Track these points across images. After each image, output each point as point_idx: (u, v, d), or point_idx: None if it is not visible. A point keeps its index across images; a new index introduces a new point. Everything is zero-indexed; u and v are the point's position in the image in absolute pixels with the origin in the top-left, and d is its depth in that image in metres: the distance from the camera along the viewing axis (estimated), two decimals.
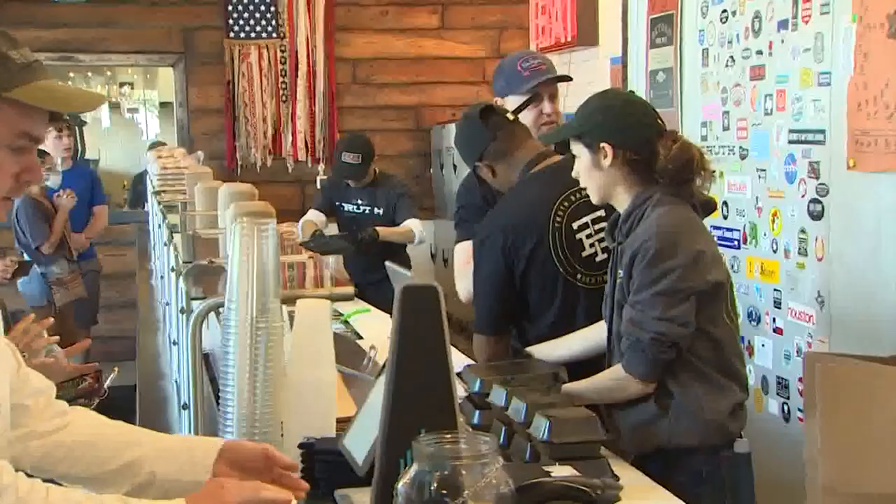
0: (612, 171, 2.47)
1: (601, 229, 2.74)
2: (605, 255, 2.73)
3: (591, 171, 2.50)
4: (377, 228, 5.21)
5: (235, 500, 1.47)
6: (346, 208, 5.58)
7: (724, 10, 4.12)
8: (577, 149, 2.53)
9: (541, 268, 2.75)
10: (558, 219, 2.77)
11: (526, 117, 3.11)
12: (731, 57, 4.08)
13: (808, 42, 3.57)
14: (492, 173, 2.92)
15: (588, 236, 2.79)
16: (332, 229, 5.63)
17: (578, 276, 2.76)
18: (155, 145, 8.12)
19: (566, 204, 2.78)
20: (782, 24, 3.74)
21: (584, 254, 2.77)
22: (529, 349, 2.72)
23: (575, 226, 2.77)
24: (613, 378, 2.37)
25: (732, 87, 4.08)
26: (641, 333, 2.27)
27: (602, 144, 2.46)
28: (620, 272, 2.43)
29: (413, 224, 5.35)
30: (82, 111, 1.77)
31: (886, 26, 3.21)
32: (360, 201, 5.54)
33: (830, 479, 1.22)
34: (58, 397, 1.77)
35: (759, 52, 3.89)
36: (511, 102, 3.17)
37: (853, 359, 1.29)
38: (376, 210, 5.48)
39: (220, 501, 1.48)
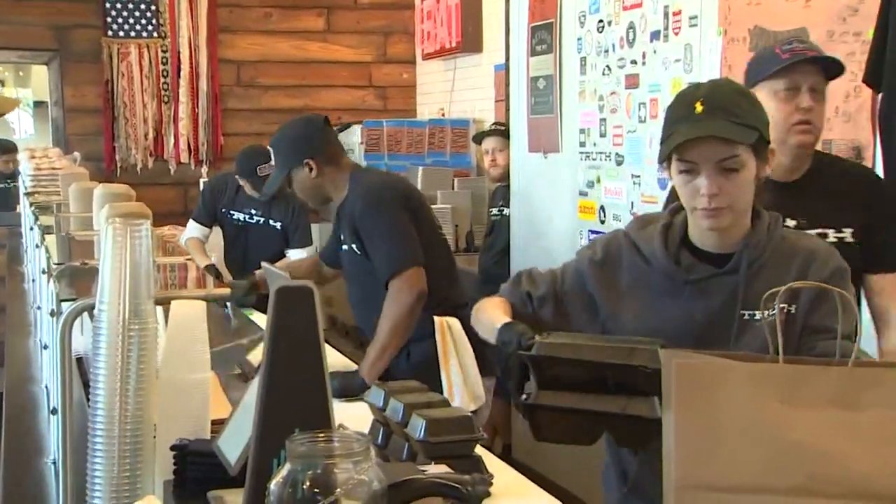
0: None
1: None
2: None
3: (753, 184, 1.92)
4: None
5: None
6: (234, 216, 5.33)
7: (601, 20, 4.22)
8: (745, 156, 1.87)
9: (426, 213, 3.46)
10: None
11: (776, 115, 2.30)
12: (608, 66, 4.18)
13: (679, 53, 3.68)
14: (318, 172, 3.35)
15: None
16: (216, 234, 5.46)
17: (441, 231, 3.56)
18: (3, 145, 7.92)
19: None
20: (654, 35, 3.85)
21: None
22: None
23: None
24: None
25: (609, 94, 4.18)
26: None
27: (772, 147, 1.96)
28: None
29: (297, 256, 5.16)
30: None
31: (748, 40, 3.35)
32: (252, 210, 5.27)
33: (684, 473, 1.27)
34: None
35: (634, 62, 4.00)
36: (764, 90, 2.41)
37: (708, 355, 1.35)
38: (271, 222, 5.25)
39: None
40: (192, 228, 5.44)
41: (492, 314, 2.10)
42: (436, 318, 3.23)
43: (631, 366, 1.70)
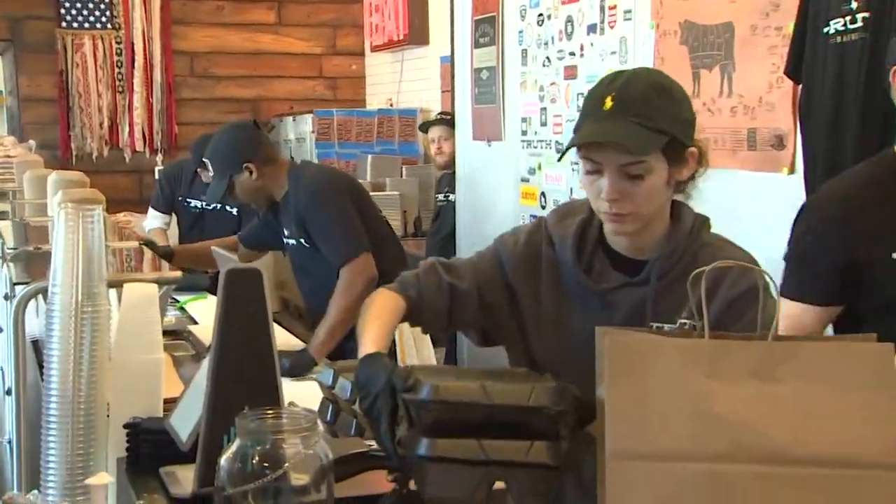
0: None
1: None
2: None
3: (664, 190, 1.72)
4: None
5: None
6: (191, 203, 5.21)
7: (541, 14, 4.23)
8: (653, 161, 1.67)
9: (367, 201, 3.51)
10: None
11: None
12: (548, 58, 4.20)
13: (614, 45, 3.71)
14: (256, 175, 3.33)
15: None
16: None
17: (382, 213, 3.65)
18: None
19: None
20: (591, 28, 3.87)
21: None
22: None
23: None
24: None
25: (549, 85, 4.20)
26: None
27: (692, 149, 1.72)
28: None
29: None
30: None
31: (678, 33, 3.38)
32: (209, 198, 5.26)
33: (617, 443, 1.28)
34: None
35: (572, 54, 4.01)
36: None
37: (638, 332, 1.36)
38: (228, 208, 5.16)
39: None
40: (153, 217, 5.36)
41: (367, 330, 1.77)
42: None
43: (533, 408, 1.42)
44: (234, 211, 5.18)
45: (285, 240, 3.46)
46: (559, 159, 1.78)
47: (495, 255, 1.87)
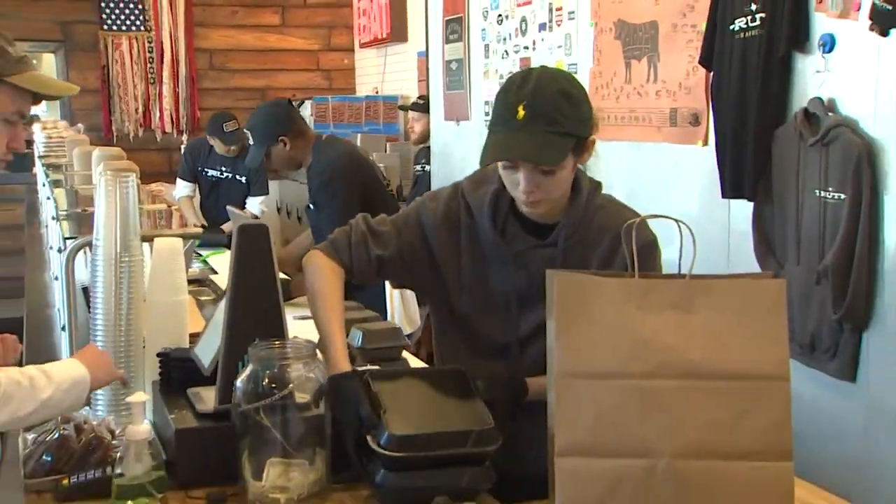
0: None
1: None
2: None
3: (570, 175, 1.63)
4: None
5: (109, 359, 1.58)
6: (209, 173, 5.23)
7: (500, 14, 4.18)
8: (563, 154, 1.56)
9: (374, 173, 3.39)
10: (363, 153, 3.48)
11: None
12: (506, 51, 4.15)
13: (561, 41, 3.67)
14: (288, 147, 3.29)
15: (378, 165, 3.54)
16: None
17: (390, 189, 3.52)
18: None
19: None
20: (542, 27, 3.83)
21: (384, 176, 3.52)
22: None
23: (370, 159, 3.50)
24: None
25: (507, 73, 4.16)
26: None
27: (592, 138, 1.62)
28: None
29: (251, 205, 5.12)
30: (58, 97, 1.74)
31: (613, 30, 3.35)
32: (223, 168, 5.19)
33: (563, 365, 1.27)
34: None
35: (526, 48, 3.97)
36: None
37: (581, 273, 1.35)
38: (237, 177, 5.17)
39: (106, 360, 1.57)
40: (182, 187, 5.34)
41: (330, 331, 1.65)
42: None
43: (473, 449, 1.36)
44: (243, 179, 5.17)
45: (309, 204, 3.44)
46: (481, 166, 1.62)
47: (418, 221, 1.74)
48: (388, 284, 3.20)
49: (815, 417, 2.42)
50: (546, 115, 1.51)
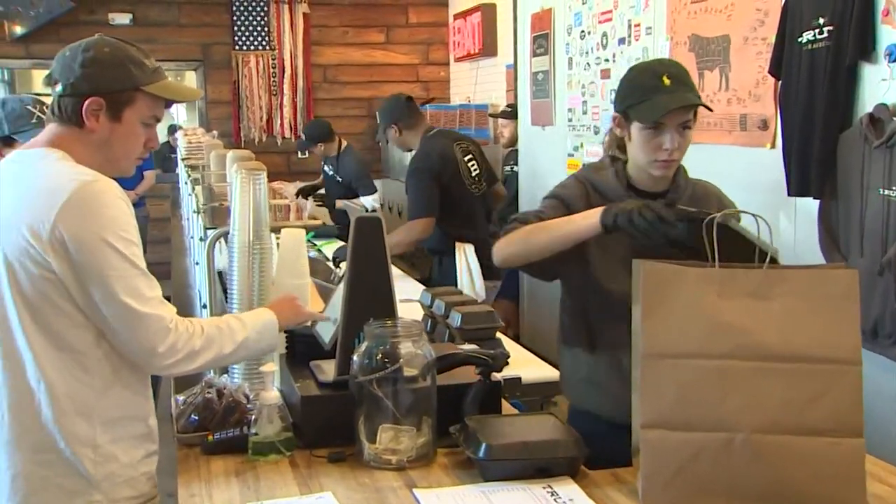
0: None
1: (471, 159, 3.59)
2: (478, 171, 3.60)
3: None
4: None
5: (301, 305, 1.64)
6: (326, 170, 5.56)
7: (583, 31, 4.11)
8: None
9: (457, 175, 3.50)
10: (458, 153, 3.56)
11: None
12: (588, 63, 4.08)
13: (638, 53, 3.58)
14: (399, 133, 3.60)
15: (470, 163, 3.59)
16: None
17: (473, 187, 3.57)
18: (173, 127, 7.93)
19: (458, 146, 3.59)
20: (621, 41, 3.75)
21: (473, 174, 3.58)
22: None
23: (466, 158, 3.57)
24: None
25: (588, 84, 4.09)
26: None
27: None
28: None
29: (365, 202, 5.25)
30: (187, 101, 1.81)
31: (687, 43, 3.25)
32: (330, 167, 5.49)
33: (649, 345, 1.24)
34: None
35: (606, 60, 3.90)
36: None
37: (665, 262, 1.31)
38: (338, 177, 5.43)
39: (293, 304, 1.62)
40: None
41: (560, 219, 1.68)
42: (456, 244, 3.52)
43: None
44: (340, 179, 5.34)
45: None
46: (655, 119, 1.66)
47: (560, 202, 1.77)
48: (458, 262, 3.32)
49: (878, 398, 2.31)
50: (686, 82, 1.70)
